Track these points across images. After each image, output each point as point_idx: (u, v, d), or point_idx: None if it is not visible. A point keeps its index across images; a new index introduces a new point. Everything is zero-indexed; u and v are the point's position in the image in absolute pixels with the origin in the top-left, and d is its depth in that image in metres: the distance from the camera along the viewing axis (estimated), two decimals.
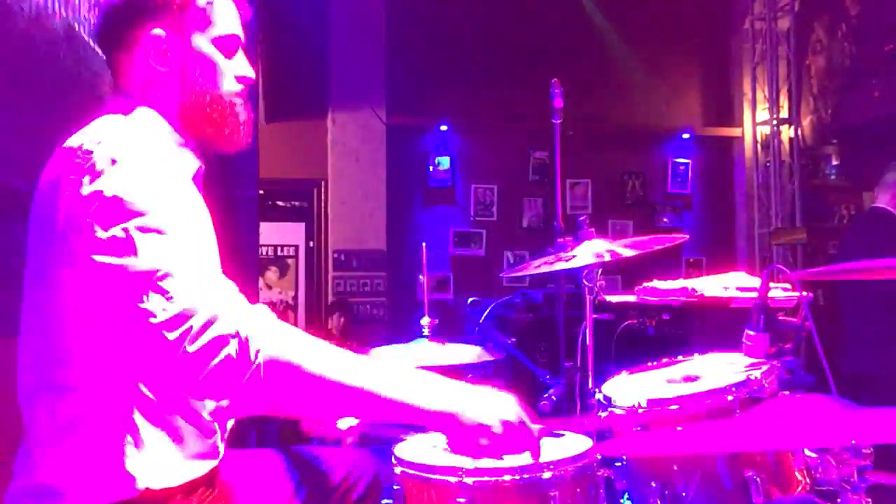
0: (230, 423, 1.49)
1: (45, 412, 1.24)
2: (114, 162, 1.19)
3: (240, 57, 1.44)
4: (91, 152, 1.20)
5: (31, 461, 1.26)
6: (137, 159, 1.22)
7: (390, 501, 1.53)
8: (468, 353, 2.39)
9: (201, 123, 1.39)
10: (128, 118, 1.35)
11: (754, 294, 1.82)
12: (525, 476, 1.47)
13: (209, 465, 1.37)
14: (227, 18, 1.41)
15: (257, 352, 1.16)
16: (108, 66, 1.43)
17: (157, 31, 1.35)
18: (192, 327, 1.13)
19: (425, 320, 2.26)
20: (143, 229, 1.16)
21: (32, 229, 1.29)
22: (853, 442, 1.21)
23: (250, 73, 1.44)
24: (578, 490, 1.53)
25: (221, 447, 1.44)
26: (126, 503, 1.23)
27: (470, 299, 5.62)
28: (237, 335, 1.15)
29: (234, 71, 1.42)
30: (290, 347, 1.20)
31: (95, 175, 1.18)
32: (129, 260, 1.15)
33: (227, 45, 1.41)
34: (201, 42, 1.38)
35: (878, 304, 3.61)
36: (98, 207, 1.17)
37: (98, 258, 1.16)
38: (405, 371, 1.32)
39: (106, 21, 1.40)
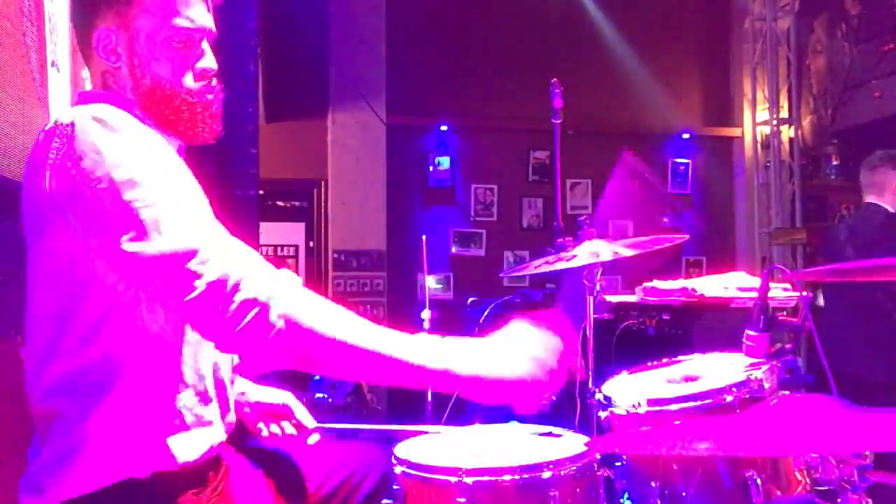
0: (231, 417, 1.50)
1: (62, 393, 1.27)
2: (99, 148, 1.22)
3: (202, 48, 1.41)
4: (69, 144, 1.22)
5: (49, 438, 1.28)
6: (122, 136, 1.24)
7: (390, 501, 1.53)
8: None
9: (160, 116, 1.38)
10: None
11: (754, 294, 1.82)
12: (525, 476, 1.47)
13: (213, 440, 1.40)
14: (188, 9, 1.37)
15: (278, 315, 1.19)
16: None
17: (106, 26, 1.35)
18: (222, 296, 1.17)
19: (426, 314, 2.27)
20: (145, 207, 1.19)
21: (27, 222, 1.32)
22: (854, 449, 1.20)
23: (212, 64, 1.41)
24: (578, 490, 1.53)
25: (223, 426, 1.45)
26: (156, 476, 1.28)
27: (470, 299, 5.62)
28: (260, 300, 1.18)
29: (194, 63, 1.40)
30: (307, 311, 1.23)
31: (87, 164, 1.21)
32: (147, 243, 1.19)
33: (185, 37, 1.37)
34: (154, 35, 1.35)
35: (880, 302, 3.61)
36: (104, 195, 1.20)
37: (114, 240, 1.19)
38: (425, 338, 1.30)
39: (72, 17, 1.44)
